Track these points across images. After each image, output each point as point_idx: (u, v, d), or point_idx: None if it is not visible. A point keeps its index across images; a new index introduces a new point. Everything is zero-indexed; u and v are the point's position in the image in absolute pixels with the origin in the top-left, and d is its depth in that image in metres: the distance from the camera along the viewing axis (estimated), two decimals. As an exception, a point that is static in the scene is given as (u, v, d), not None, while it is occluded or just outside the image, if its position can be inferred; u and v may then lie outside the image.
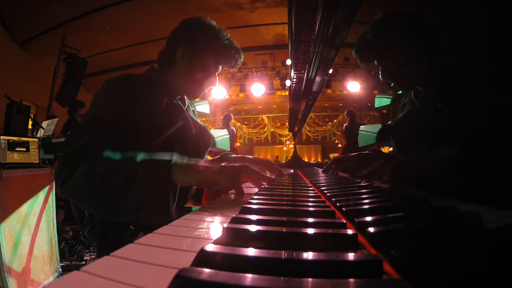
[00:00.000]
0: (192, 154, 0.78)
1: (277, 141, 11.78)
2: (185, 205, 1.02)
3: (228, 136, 3.98)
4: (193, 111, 1.07)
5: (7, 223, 1.45)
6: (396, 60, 0.95)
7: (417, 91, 1.02)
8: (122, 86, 0.81)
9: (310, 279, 0.18)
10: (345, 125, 5.10)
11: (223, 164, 0.68)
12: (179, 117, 0.90)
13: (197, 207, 0.58)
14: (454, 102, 0.82)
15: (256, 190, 0.69)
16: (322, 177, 1.07)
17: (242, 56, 1.00)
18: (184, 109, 0.96)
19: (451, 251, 0.22)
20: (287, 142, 11.58)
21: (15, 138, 1.73)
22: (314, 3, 0.63)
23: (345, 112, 5.17)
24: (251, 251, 0.23)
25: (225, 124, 4.81)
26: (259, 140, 11.65)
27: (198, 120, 1.05)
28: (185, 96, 1.01)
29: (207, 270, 0.19)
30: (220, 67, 0.97)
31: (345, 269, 0.21)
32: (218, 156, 1.07)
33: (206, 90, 0.97)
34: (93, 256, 2.19)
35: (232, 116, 5.07)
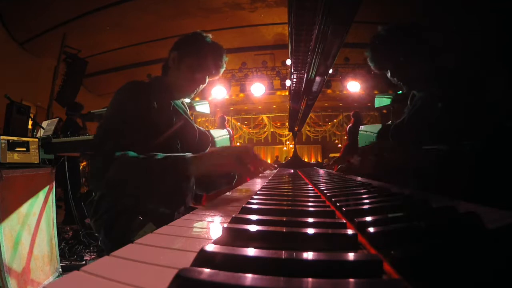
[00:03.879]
0: (195, 152, 0.88)
1: (277, 141, 11.78)
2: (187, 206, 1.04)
3: (228, 136, 3.98)
4: (191, 115, 1.16)
5: (7, 223, 1.45)
6: (406, 61, 1.00)
7: (420, 92, 1.04)
8: (134, 90, 0.92)
9: (310, 279, 0.18)
10: (349, 125, 5.11)
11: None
12: (181, 118, 1.01)
13: (197, 207, 0.58)
14: (458, 102, 0.83)
15: (255, 190, 0.69)
16: (322, 177, 1.07)
17: (225, 57, 1.07)
18: (188, 113, 1.08)
19: (451, 251, 0.22)
20: (287, 142, 11.58)
21: (15, 138, 1.73)
22: (314, 3, 0.63)
23: (352, 113, 5.18)
24: (251, 251, 0.23)
25: (221, 126, 4.81)
26: (259, 140, 11.65)
27: (195, 124, 1.14)
28: (183, 101, 1.13)
29: (207, 270, 0.19)
30: (207, 67, 1.04)
31: (345, 269, 0.21)
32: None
33: (197, 89, 1.06)
34: (93, 256, 2.19)
35: (226, 118, 5.07)
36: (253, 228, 0.29)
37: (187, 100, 1.21)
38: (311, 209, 0.41)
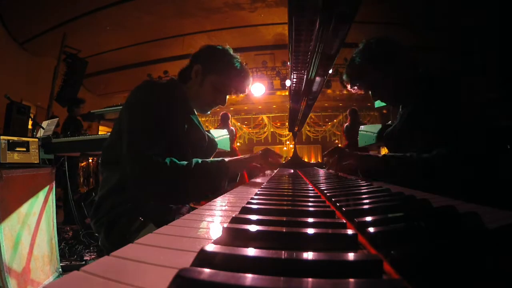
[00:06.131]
0: (202, 157, 0.92)
1: (277, 141, 11.78)
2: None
3: (229, 136, 3.97)
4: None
5: (7, 223, 1.45)
6: (378, 83, 1.08)
7: (403, 104, 1.10)
8: (164, 93, 0.93)
9: (310, 279, 0.18)
10: (345, 124, 5.06)
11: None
12: (194, 127, 1.01)
13: (197, 207, 0.58)
14: (438, 111, 0.89)
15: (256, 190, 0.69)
16: (322, 177, 1.07)
17: (251, 80, 1.09)
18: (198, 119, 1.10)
19: (451, 251, 0.22)
20: (287, 142, 11.58)
21: (15, 138, 1.73)
22: (314, 3, 0.63)
23: (348, 111, 5.11)
24: (251, 251, 0.23)
25: (224, 124, 4.79)
26: (259, 140, 11.64)
27: (204, 131, 1.14)
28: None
29: (207, 270, 0.19)
30: (231, 89, 1.05)
31: (345, 269, 0.21)
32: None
33: (213, 107, 1.06)
34: (93, 256, 2.19)
35: (230, 115, 5.05)
36: (253, 228, 0.29)
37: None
38: (311, 209, 0.41)
